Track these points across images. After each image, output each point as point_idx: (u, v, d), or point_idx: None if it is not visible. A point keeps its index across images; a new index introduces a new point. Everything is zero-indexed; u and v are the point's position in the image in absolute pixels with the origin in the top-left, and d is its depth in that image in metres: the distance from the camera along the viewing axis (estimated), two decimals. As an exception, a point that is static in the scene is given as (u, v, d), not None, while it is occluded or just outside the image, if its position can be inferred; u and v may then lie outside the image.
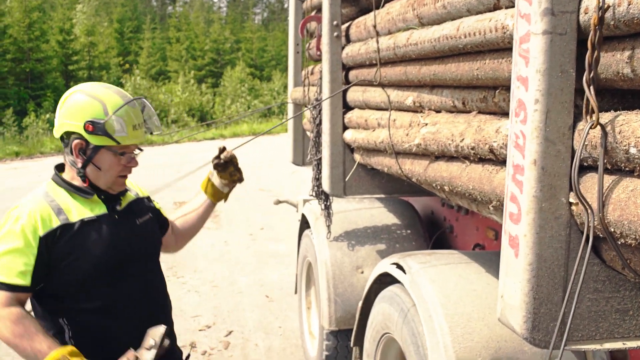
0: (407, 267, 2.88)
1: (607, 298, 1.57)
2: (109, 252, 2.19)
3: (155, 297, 2.43)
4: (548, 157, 1.48)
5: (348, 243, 4.06)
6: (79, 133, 2.12)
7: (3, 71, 31.63)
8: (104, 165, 2.17)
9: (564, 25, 1.45)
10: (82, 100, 2.16)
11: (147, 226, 2.41)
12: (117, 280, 2.21)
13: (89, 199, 2.21)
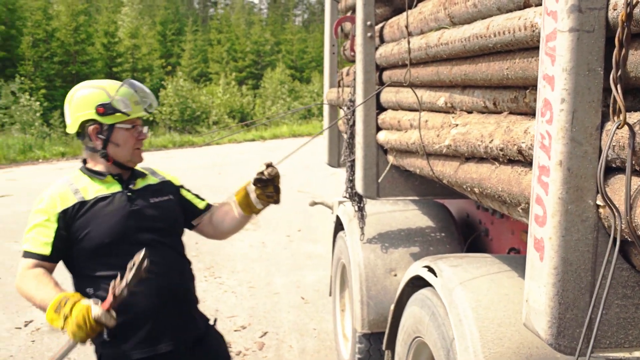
0: (438, 271, 2.84)
1: (637, 305, 1.52)
2: (120, 222, 2.43)
3: (169, 269, 2.53)
4: (574, 158, 1.43)
5: (381, 245, 4.03)
6: (92, 119, 2.42)
7: (51, 73, 32.52)
8: (120, 141, 2.45)
9: (592, 22, 1.40)
10: (86, 92, 2.46)
11: (162, 205, 2.59)
12: (129, 251, 2.31)
13: (104, 179, 2.49)
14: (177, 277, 2.58)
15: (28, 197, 12.44)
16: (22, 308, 6.13)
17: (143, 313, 2.42)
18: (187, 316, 2.61)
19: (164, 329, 2.48)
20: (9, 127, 25.37)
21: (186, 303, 2.62)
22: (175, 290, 2.54)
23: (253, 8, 75.29)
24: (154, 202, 2.56)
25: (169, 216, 2.61)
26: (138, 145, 2.53)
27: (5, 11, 32.10)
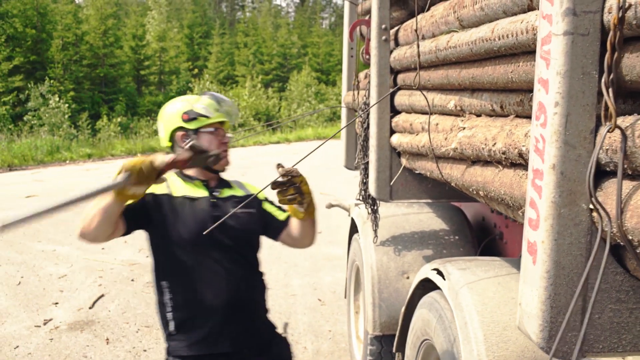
0: (446, 273, 2.84)
1: (631, 309, 1.51)
2: (200, 224, 2.51)
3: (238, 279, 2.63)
4: (568, 162, 1.43)
5: (394, 248, 4.04)
6: (179, 126, 2.62)
7: (79, 76, 33.01)
8: (205, 144, 2.58)
9: (587, 25, 1.40)
10: (172, 106, 2.70)
11: (242, 216, 2.67)
12: (202, 253, 2.55)
13: (192, 182, 2.67)
14: (244, 288, 2.66)
15: (53, 197, 12.66)
16: (42, 307, 6.24)
17: (207, 314, 2.56)
18: (250, 325, 2.69)
19: (226, 333, 2.59)
20: (38, 129, 25.82)
21: (251, 313, 2.70)
22: (241, 299, 2.63)
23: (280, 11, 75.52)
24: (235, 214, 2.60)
25: (246, 228, 2.69)
26: (222, 148, 2.66)
27: (37, 15, 32.67)
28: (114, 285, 6.94)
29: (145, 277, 7.23)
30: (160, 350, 5.15)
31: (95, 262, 7.88)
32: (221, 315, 2.57)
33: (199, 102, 2.67)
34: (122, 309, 6.19)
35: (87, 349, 5.19)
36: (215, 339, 2.57)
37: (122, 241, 8.92)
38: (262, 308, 2.83)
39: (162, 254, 2.60)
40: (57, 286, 6.93)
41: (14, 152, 20.40)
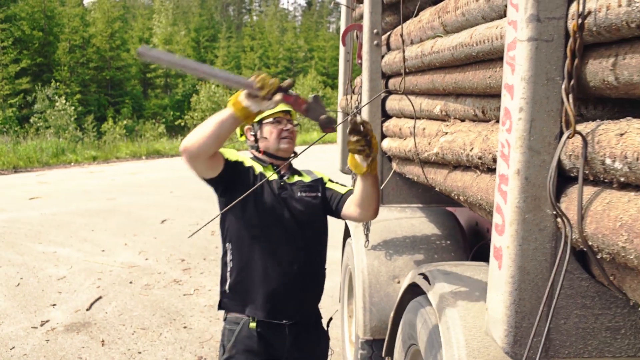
0: (432, 278, 2.84)
1: (597, 315, 1.52)
2: (269, 203, 2.76)
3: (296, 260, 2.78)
4: (532, 167, 1.44)
5: (386, 252, 4.04)
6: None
7: (86, 79, 33.15)
8: (267, 134, 2.83)
9: (551, 31, 1.41)
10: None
11: (307, 200, 2.85)
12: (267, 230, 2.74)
13: (266, 166, 2.86)
14: (301, 268, 2.80)
15: (57, 200, 12.73)
16: (40, 308, 6.27)
17: (260, 282, 2.74)
18: (299, 306, 2.85)
19: (276, 305, 2.76)
20: (44, 131, 25.93)
21: (302, 294, 2.85)
22: (295, 278, 2.78)
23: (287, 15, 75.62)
24: (300, 197, 2.84)
25: (310, 212, 2.84)
26: (284, 135, 2.83)
27: (44, 18, 32.85)
28: (112, 288, 6.96)
29: (143, 280, 7.25)
30: (154, 353, 5.17)
31: (95, 264, 7.90)
32: (273, 288, 2.74)
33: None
34: (119, 311, 6.21)
35: (82, 350, 5.21)
36: (264, 308, 2.74)
37: (122, 244, 8.97)
38: (314, 294, 2.97)
39: (231, 218, 2.79)
40: (56, 288, 6.95)
41: (20, 154, 20.50)
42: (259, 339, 2.77)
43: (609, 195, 1.28)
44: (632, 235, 1.14)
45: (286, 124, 2.87)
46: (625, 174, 1.21)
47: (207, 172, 2.62)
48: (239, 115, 2.29)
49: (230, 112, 2.31)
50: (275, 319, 2.77)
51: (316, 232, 2.91)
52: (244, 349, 2.77)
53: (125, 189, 14.66)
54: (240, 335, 2.77)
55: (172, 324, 5.86)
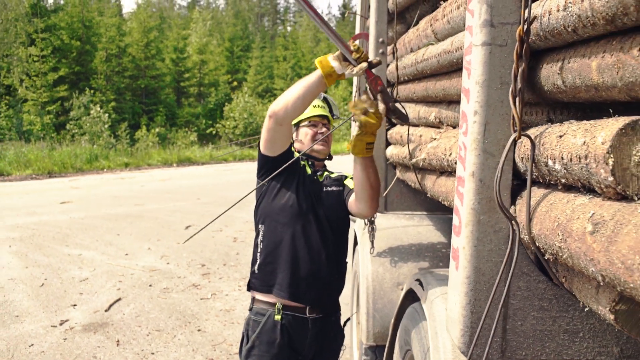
0: (425, 284, 2.86)
1: (555, 317, 1.53)
2: (299, 192, 2.90)
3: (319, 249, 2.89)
4: (486, 170, 1.47)
5: (391, 259, 4.05)
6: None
7: (121, 87, 33.78)
8: (301, 136, 3.02)
9: (504, 36, 1.44)
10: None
11: (332, 194, 2.98)
12: (294, 218, 2.86)
13: (304, 161, 3.01)
14: (328, 257, 2.91)
15: (87, 204, 13.00)
16: (61, 308, 6.41)
17: (287, 267, 2.84)
18: (322, 291, 2.94)
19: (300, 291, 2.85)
20: (79, 138, 26.49)
21: (326, 281, 2.93)
22: (319, 268, 2.89)
23: (321, 26, 75.73)
24: (327, 191, 2.98)
25: (336, 205, 2.96)
26: (317, 138, 2.99)
27: (82, 28, 33.60)
28: (132, 290, 7.08)
29: (162, 284, 7.36)
30: (167, 354, 5.25)
31: (117, 267, 8.05)
32: (300, 271, 2.85)
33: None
34: (136, 312, 6.32)
35: (97, 349, 5.32)
36: (289, 290, 2.84)
37: (145, 248, 9.12)
38: (336, 285, 3.07)
39: (267, 201, 2.93)
40: (78, 289, 7.10)
41: (54, 159, 20.98)
42: (282, 331, 2.85)
43: (554, 197, 1.30)
44: (566, 235, 1.16)
45: (321, 127, 3.04)
46: (564, 175, 1.23)
47: (282, 142, 2.76)
48: (325, 72, 2.36)
49: (318, 74, 2.40)
50: (298, 302, 2.86)
51: (341, 226, 3.02)
52: (267, 341, 2.86)
53: (154, 195, 14.89)
54: (265, 327, 2.86)
55: (187, 326, 5.94)
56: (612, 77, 1.12)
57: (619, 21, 1.05)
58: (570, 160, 1.17)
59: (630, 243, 0.94)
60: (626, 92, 1.11)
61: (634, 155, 1.03)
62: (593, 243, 1.05)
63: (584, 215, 1.11)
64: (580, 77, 1.24)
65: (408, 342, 3.04)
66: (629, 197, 1.05)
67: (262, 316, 2.88)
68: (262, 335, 2.86)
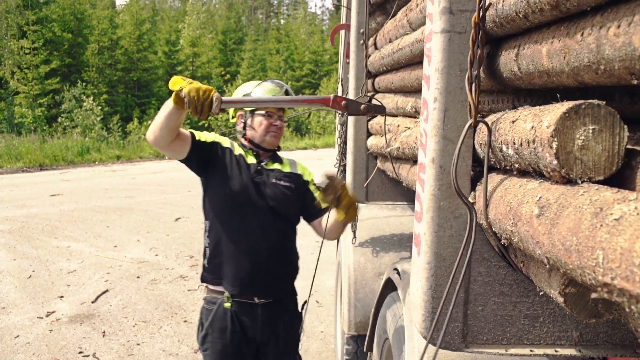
0: (402, 272, 2.87)
1: (515, 303, 1.54)
2: (242, 184, 2.88)
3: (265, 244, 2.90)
4: (446, 156, 1.48)
5: (373, 249, 4.07)
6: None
7: (113, 80, 33.63)
8: (256, 124, 2.95)
9: (463, 23, 1.45)
10: (239, 89, 3.06)
11: (280, 188, 2.96)
12: (238, 211, 2.86)
13: (246, 151, 2.99)
14: (270, 249, 2.92)
15: (77, 197, 12.97)
16: (48, 300, 6.42)
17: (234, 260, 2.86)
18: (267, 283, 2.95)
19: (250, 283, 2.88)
20: (71, 131, 26.37)
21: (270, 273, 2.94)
22: (265, 259, 2.90)
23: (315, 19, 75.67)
24: (274, 183, 2.95)
25: (281, 200, 2.95)
26: (271, 130, 2.95)
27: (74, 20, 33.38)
28: (120, 282, 7.09)
29: (150, 275, 7.37)
30: (153, 344, 5.26)
31: (105, 259, 8.05)
32: (242, 265, 2.86)
33: (260, 86, 2.97)
34: (123, 304, 6.33)
35: (83, 340, 5.33)
36: (234, 283, 2.87)
37: (134, 240, 9.12)
38: (283, 275, 3.06)
39: (208, 197, 2.94)
40: (65, 281, 7.10)
41: (46, 152, 20.90)
42: (232, 318, 2.89)
43: (509, 182, 1.31)
44: (516, 219, 1.18)
45: (276, 119, 2.99)
46: (517, 160, 1.24)
47: (175, 155, 2.76)
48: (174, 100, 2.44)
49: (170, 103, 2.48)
50: (244, 294, 2.89)
51: (286, 219, 3.01)
52: (219, 327, 2.90)
53: (145, 187, 14.87)
54: (216, 315, 2.90)
55: (173, 317, 5.96)
56: (560, 62, 1.13)
57: (562, 6, 1.06)
58: (520, 145, 1.18)
59: (570, 225, 0.95)
60: (573, 77, 1.12)
61: (577, 139, 1.04)
62: (539, 226, 1.06)
63: (532, 199, 1.13)
64: (533, 63, 1.25)
65: (386, 330, 3.07)
66: (573, 180, 1.06)
67: (213, 304, 2.92)
68: (215, 322, 2.91)
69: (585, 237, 0.89)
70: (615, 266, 0.80)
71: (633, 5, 0.90)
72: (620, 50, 0.92)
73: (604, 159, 1.05)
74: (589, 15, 1.04)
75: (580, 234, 0.91)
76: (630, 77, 0.94)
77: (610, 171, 1.06)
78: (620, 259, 0.79)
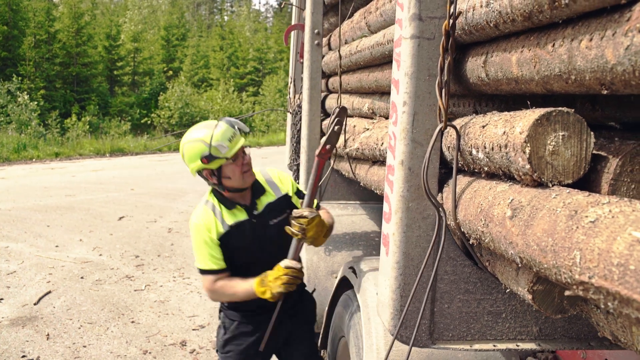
0: (358, 271, 2.92)
1: (479, 300, 1.60)
2: (249, 246, 2.91)
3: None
4: (415, 158, 1.52)
5: (325, 248, 4.11)
6: (203, 167, 2.85)
7: (51, 74, 32.64)
8: (229, 174, 2.86)
9: (432, 30, 1.49)
10: (190, 147, 2.88)
11: (280, 224, 2.96)
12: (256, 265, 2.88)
13: (235, 208, 2.94)
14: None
15: (14, 195, 12.55)
16: (-12, 301, 6.21)
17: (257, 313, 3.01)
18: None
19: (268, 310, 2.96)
20: (6, 126, 25.48)
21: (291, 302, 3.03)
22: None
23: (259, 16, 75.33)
24: (274, 223, 2.97)
25: (280, 231, 2.95)
26: (245, 169, 2.89)
27: (9, 12, 32.24)
28: (63, 283, 6.91)
29: (95, 275, 7.21)
30: (100, 346, 5.16)
31: (47, 259, 7.83)
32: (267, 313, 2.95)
33: (214, 138, 2.81)
34: (67, 305, 6.17)
35: (26, 344, 5.18)
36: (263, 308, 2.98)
37: (77, 239, 8.90)
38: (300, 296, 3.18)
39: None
40: (5, 282, 6.87)
41: (-21, 149, 20.16)
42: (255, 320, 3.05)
43: (478, 184, 1.36)
44: (488, 219, 1.23)
45: (244, 157, 2.93)
46: (487, 164, 1.30)
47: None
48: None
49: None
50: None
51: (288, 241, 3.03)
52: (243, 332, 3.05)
53: (86, 185, 14.51)
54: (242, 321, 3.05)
55: (120, 318, 5.85)
56: (530, 71, 1.18)
57: (535, 18, 1.11)
58: (492, 149, 1.23)
59: (545, 226, 1.00)
60: (542, 85, 1.17)
61: (548, 144, 1.10)
62: (512, 227, 1.11)
63: (504, 201, 1.18)
64: (501, 70, 1.31)
65: (341, 328, 3.11)
66: (544, 183, 1.12)
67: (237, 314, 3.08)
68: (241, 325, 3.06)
69: (561, 238, 0.94)
70: (593, 265, 0.85)
71: (604, 21, 0.95)
72: (592, 62, 0.97)
73: (572, 164, 1.11)
74: (559, 27, 1.09)
75: (556, 235, 0.96)
76: (600, 87, 1.00)
77: (579, 175, 1.12)
78: (598, 259, 0.84)
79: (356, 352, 2.72)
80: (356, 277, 2.91)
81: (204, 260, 2.89)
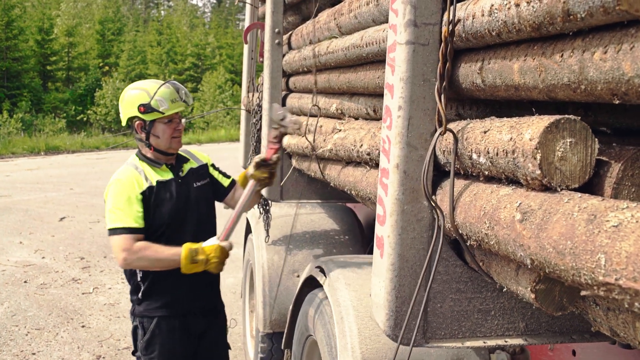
0: (327, 271, 2.93)
1: (470, 298, 1.65)
2: (175, 205, 2.95)
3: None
4: (410, 162, 1.55)
5: (286, 247, 4.11)
6: (136, 116, 2.90)
7: (-22, 69, 31.38)
8: (159, 133, 2.92)
9: (427, 36, 1.52)
10: (132, 93, 2.94)
11: (203, 188, 3.12)
12: (177, 232, 2.94)
13: (160, 167, 2.99)
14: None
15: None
16: None
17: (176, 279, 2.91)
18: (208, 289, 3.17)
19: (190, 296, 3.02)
20: None
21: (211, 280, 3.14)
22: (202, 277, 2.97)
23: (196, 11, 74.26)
24: (197, 186, 3.08)
25: (208, 197, 3.14)
26: (175, 134, 2.96)
27: None
28: (5, 288, 6.68)
29: (39, 279, 7.00)
30: (50, 353, 5.02)
31: (-14, 263, 7.55)
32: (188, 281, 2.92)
33: (158, 93, 2.89)
34: (12, 311, 5.97)
35: (-29, 353, 5.00)
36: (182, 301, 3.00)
37: (17, 242, 8.60)
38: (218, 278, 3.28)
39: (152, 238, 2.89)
40: (-58, 289, 6.60)
41: None
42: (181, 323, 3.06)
43: (476, 188, 1.40)
44: (493, 222, 1.26)
45: (178, 122, 3.01)
46: (488, 168, 1.33)
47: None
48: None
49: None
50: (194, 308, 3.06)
51: (211, 212, 3.18)
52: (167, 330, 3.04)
53: (22, 185, 14.03)
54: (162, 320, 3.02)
55: (70, 323, 5.70)
56: (534, 79, 1.22)
57: (544, 29, 1.15)
58: (496, 154, 1.27)
59: (562, 230, 1.04)
60: (546, 92, 1.22)
61: (557, 150, 1.14)
62: (523, 230, 1.15)
63: (511, 205, 1.22)
64: (501, 77, 1.35)
65: (309, 328, 3.12)
66: (553, 188, 1.16)
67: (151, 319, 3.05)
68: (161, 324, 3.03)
69: (582, 242, 0.98)
70: (621, 268, 0.90)
71: (619, 35, 1.00)
72: (607, 73, 1.02)
73: (579, 169, 1.16)
74: (567, 38, 1.13)
75: (576, 238, 1.00)
76: (612, 97, 1.05)
77: (584, 179, 1.17)
78: (626, 262, 0.89)
79: (328, 351, 2.73)
80: (325, 277, 2.92)
81: (124, 218, 2.81)
